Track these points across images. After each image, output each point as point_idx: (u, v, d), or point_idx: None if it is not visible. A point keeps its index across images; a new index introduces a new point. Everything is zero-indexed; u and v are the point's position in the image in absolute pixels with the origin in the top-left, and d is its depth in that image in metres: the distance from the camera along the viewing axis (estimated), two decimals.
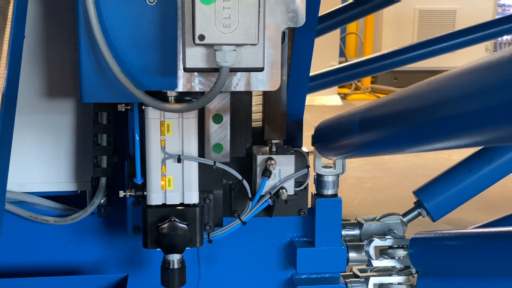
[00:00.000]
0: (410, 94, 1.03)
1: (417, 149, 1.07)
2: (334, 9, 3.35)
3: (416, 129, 1.00)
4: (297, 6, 1.44)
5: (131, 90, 1.38)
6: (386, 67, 3.56)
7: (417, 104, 0.99)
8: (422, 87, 1.00)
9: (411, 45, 3.49)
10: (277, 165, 1.65)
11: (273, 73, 1.46)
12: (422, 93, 0.98)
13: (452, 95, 0.85)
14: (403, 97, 1.06)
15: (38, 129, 1.77)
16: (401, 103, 1.07)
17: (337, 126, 1.55)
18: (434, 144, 0.97)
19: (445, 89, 0.88)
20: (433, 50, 3.46)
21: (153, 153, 1.52)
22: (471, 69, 0.83)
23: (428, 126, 0.95)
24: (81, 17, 1.38)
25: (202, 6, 1.27)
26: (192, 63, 1.35)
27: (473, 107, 0.79)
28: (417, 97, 1.00)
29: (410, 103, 1.02)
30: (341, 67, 3.59)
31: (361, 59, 3.60)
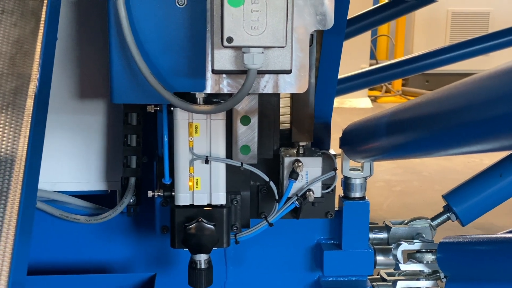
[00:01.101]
0: (438, 98, 1.02)
1: (445, 153, 1.07)
2: (365, 11, 3.34)
3: (443, 132, 1.00)
4: (326, 8, 1.44)
5: (161, 92, 1.40)
6: (417, 69, 3.53)
7: (445, 107, 0.98)
8: (450, 90, 0.99)
9: (443, 47, 3.45)
10: (304, 167, 1.65)
11: (301, 75, 1.46)
12: (449, 96, 0.98)
13: (480, 98, 0.85)
14: (431, 100, 1.05)
15: (69, 129, 1.81)
16: (429, 106, 1.06)
17: (365, 128, 1.54)
18: (462, 148, 0.97)
19: (473, 92, 0.88)
20: (466, 53, 3.42)
21: (181, 154, 1.54)
22: (499, 72, 0.82)
23: (456, 129, 0.94)
24: (112, 20, 1.40)
25: (231, 9, 1.28)
26: (220, 65, 1.37)
27: (502, 111, 0.79)
28: (445, 100, 0.99)
29: (438, 106, 1.01)
30: (371, 69, 3.57)
31: (392, 62, 3.58)
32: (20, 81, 1.27)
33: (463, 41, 3.40)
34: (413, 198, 3.68)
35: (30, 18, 1.35)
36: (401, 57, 7.21)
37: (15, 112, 1.24)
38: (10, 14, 1.34)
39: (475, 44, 3.39)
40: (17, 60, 1.30)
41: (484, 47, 3.38)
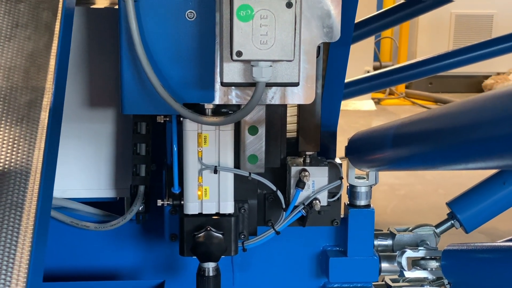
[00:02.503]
0: (444, 114, 1.05)
1: (450, 168, 1.09)
2: (369, 17, 3.36)
3: (449, 148, 1.02)
4: (333, 21, 1.47)
5: (170, 103, 1.43)
6: (421, 74, 3.56)
7: (451, 124, 1.01)
8: (457, 107, 1.02)
9: (447, 52, 3.47)
10: (311, 176, 1.67)
11: (308, 86, 1.49)
12: (456, 113, 1.00)
13: (487, 117, 0.87)
14: (437, 116, 1.08)
15: (80, 137, 1.83)
16: (435, 122, 1.09)
17: (370, 139, 1.57)
18: (467, 164, 0.99)
19: (480, 111, 0.90)
20: (469, 58, 3.44)
21: (190, 164, 1.56)
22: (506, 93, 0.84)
23: (461, 146, 0.97)
24: (123, 32, 1.43)
25: (240, 24, 1.31)
26: (229, 78, 1.40)
27: (505, 131, 0.81)
28: (451, 117, 1.02)
29: (444, 123, 1.04)
30: (376, 74, 3.59)
31: (396, 66, 3.60)
32: (34, 94, 1.30)
33: (467, 46, 3.43)
34: (417, 202, 3.71)
35: (43, 31, 1.37)
36: (405, 59, 7.25)
37: (29, 125, 1.27)
38: (24, 28, 1.37)
39: (479, 49, 3.41)
40: (31, 74, 1.33)
41: (487, 52, 3.40)
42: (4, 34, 1.35)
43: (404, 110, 6.10)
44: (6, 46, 1.34)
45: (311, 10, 1.45)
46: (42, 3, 1.40)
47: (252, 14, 1.31)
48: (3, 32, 1.36)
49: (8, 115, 1.27)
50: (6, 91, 1.30)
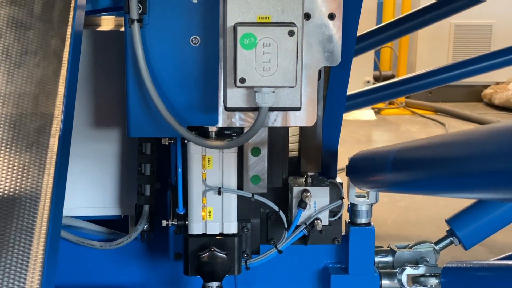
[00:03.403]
0: (444, 143, 1.08)
1: (448, 196, 1.13)
2: (369, 30, 3.40)
3: (447, 178, 1.06)
4: (333, 46, 1.51)
5: (175, 127, 1.47)
6: (421, 87, 3.59)
7: (450, 154, 1.04)
8: (456, 138, 1.05)
9: (447, 65, 3.51)
10: (313, 196, 1.71)
11: (309, 110, 1.53)
12: (455, 144, 1.04)
13: (485, 151, 0.90)
14: (437, 145, 1.11)
15: (85, 156, 1.87)
16: (435, 150, 1.12)
17: (371, 161, 1.60)
18: (463, 194, 1.03)
19: (482, 143, 0.93)
20: (469, 71, 3.47)
21: (194, 185, 1.60)
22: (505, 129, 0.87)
23: (458, 177, 1.00)
24: (130, 57, 1.47)
25: (244, 51, 1.35)
26: (233, 103, 1.43)
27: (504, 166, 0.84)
28: (451, 147, 1.05)
29: (444, 152, 1.07)
30: (376, 87, 3.63)
31: (397, 80, 3.64)
32: (44, 120, 1.34)
33: (467, 59, 3.46)
34: (417, 213, 3.74)
35: (52, 58, 1.41)
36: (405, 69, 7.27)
37: (39, 151, 1.30)
38: (33, 55, 1.41)
39: (479, 62, 3.45)
40: (40, 100, 1.36)
41: (488, 65, 3.43)
42: (14, 61, 1.39)
43: (404, 120, 6.13)
44: (16, 73, 1.38)
45: (312, 35, 1.49)
46: (51, 30, 1.44)
47: (255, 42, 1.35)
48: (12, 59, 1.39)
49: (18, 141, 1.30)
50: (16, 117, 1.33)
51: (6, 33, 1.41)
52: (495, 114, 6.14)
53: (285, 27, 1.35)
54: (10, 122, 1.31)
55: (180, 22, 1.46)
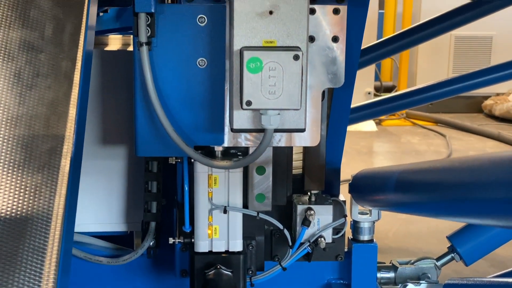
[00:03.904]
0: (447, 168, 1.11)
1: (449, 219, 1.16)
2: (370, 45, 3.43)
3: (448, 203, 1.09)
4: (337, 68, 1.55)
5: (182, 147, 1.50)
6: (423, 100, 3.62)
7: (452, 180, 1.07)
8: (460, 163, 1.08)
9: (448, 79, 3.54)
10: (316, 214, 1.74)
11: (313, 130, 1.56)
12: (458, 170, 1.07)
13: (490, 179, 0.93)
14: (440, 169, 1.14)
15: (92, 173, 1.90)
16: (438, 174, 1.15)
17: (373, 180, 1.64)
18: (464, 219, 1.06)
19: (483, 171, 0.96)
20: (471, 84, 3.51)
21: (201, 204, 1.63)
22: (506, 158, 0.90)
23: (459, 203, 1.03)
24: (138, 78, 1.51)
25: (250, 75, 1.39)
26: (239, 124, 1.47)
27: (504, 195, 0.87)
28: (453, 173, 1.08)
29: (446, 177, 1.11)
30: (377, 100, 3.66)
31: (399, 93, 3.67)
32: (55, 142, 1.37)
33: (468, 73, 3.50)
34: (418, 226, 3.77)
35: (63, 80, 1.45)
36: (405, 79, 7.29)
37: (50, 172, 1.33)
38: (44, 77, 1.44)
39: (480, 76, 3.48)
40: (51, 122, 1.39)
41: (490, 79, 3.46)
42: (26, 83, 1.42)
43: (405, 131, 6.17)
44: (28, 95, 1.41)
45: (316, 57, 1.52)
46: (61, 53, 1.48)
47: (261, 66, 1.38)
48: (24, 82, 1.43)
49: (30, 163, 1.33)
50: (28, 139, 1.36)
51: (18, 56, 1.45)
52: (495, 125, 6.17)
53: (291, 52, 1.38)
54: (22, 144, 1.35)
55: (187, 45, 1.50)
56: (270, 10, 1.41)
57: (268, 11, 1.41)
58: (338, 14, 1.52)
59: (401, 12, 7.16)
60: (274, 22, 1.42)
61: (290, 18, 1.42)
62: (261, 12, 1.41)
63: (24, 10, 1.50)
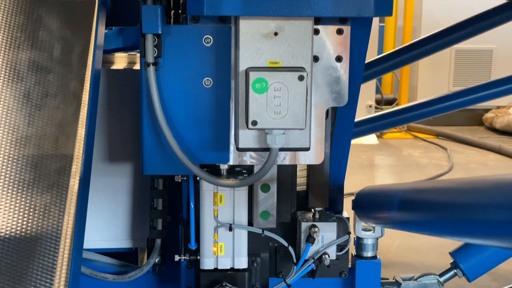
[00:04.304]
0: (451, 189, 1.13)
1: (453, 239, 1.18)
2: (371, 60, 3.45)
3: (451, 223, 1.11)
4: (341, 87, 1.57)
5: (189, 166, 1.52)
6: (424, 115, 3.64)
7: (456, 201, 1.09)
8: (463, 185, 1.10)
9: (449, 94, 3.57)
10: (320, 232, 1.76)
11: (317, 148, 1.59)
12: (461, 191, 1.09)
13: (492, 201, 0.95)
14: (445, 189, 1.16)
15: (98, 190, 1.92)
16: (442, 195, 1.17)
17: (377, 198, 1.66)
18: (468, 240, 1.08)
19: (486, 193, 0.99)
20: (470, 99, 3.52)
21: (206, 221, 1.65)
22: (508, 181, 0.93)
23: (462, 223, 1.05)
24: (145, 98, 1.53)
25: (255, 95, 1.41)
26: (244, 143, 1.49)
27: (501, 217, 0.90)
28: (457, 194, 1.10)
29: (450, 198, 1.12)
30: (380, 115, 3.68)
31: (401, 107, 3.69)
32: (64, 161, 1.39)
33: (468, 88, 3.52)
34: (420, 240, 3.77)
35: (71, 101, 1.47)
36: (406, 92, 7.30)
37: (59, 191, 1.35)
38: (53, 98, 1.46)
39: (480, 91, 3.50)
40: (60, 142, 1.42)
41: (489, 94, 3.48)
42: (35, 103, 1.45)
43: (406, 144, 6.18)
44: (37, 115, 1.43)
45: (320, 77, 1.55)
46: (70, 73, 1.50)
47: (266, 87, 1.41)
48: (33, 102, 1.45)
49: (40, 182, 1.35)
50: (37, 158, 1.38)
51: (27, 77, 1.47)
52: (496, 138, 6.19)
53: (295, 72, 1.41)
54: (31, 164, 1.37)
55: (193, 65, 1.52)
56: (275, 32, 1.44)
57: (273, 32, 1.44)
58: (342, 35, 1.55)
59: (401, 25, 7.20)
60: (279, 43, 1.44)
61: (295, 39, 1.44)
62: (266, 34, 1.44)
63: (33, 31, 1.52)
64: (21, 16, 1.54)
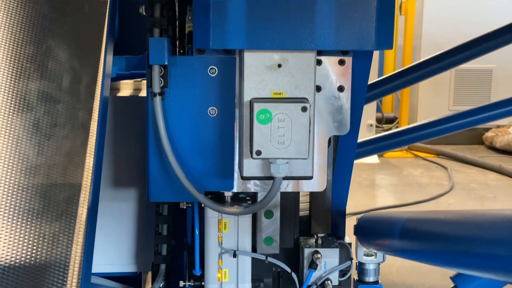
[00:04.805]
0: (453, 221, 1.16)
1: (454, 270, 1.20)
2: (371, 83, 3.49)
3: (453, 255, 1.13)
4: (343, 116, 1.61)
5: (194, 194, 1.55)
6: (424, 136, 3.68)
7: (457, 233, 1.12)
8: (465, 217, 1.13)
9: (449, 115, 3.60)
10: (323, 258, 1.78)
11: (320, 175, 1.62)
12: (463, 224, 1.11)
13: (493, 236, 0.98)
14: (446, 221, 1.19)
15: (104, 214, 1.95)
16: (443, 226, 1.20)
17: (379, 225, 1.68)
18: (470, 272, 1.10)
19: (486, 227, 1.01)
20: (469, 121, 3.56)
21: (211, 248, 1.68)
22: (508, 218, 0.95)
23: (464, 256, 1.08)
24: (151, 126, 1.57)
25: (260, 126, 1.45)
26: (249, 172, 1.52)
27: (501, 253, 0.92)
28: (459, 226, 1.13)
29: (451, 230, 1.15)
30: (380, 136, 3.72)
31: (401, 129, 3.73)
32: (72, 190, 1.42)
33: (468, 110, 3.56)
34: None
35: (80, 131, 1.50)
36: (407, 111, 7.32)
37: (68, 220, 1.38)
38: (62, 128, 1.50)
39: (478, 113, 3.53)
40: (68, 171, 1.45)
41: (490, 115, 3.51)
42: (44, 133, 1.48)
43: (407, 163, 6.21)
44: (46, 144, 1.47)
45: (323, 106, 1.58)
46: (78, 103, 1.54)
47: (271, 118, 1.44)
48: (43, 132, 1.48)
49: (49, 211, 1.38)
50: (46, 188, 1.42)
51: (37, 107, 1.51)
52: (496, 157, 6.22)
53: (299, 104, 1.44)
54: (41, 193, 1.40)
55: (199, 94, 1.56)
56: (279, 63, 1.48)
57: (277, 64, 1.48)
58: (344, 65, 1.58)
59: (401, 44, 7.27)
60: (283, 74, 1.48)
61: (298, 71, 1.48)
62: (270, 65, 1.48)
63: (42, 62, 1.56)
64: (30, 47, 1.58)
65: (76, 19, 1.64)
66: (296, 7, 1.42)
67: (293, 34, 1.43)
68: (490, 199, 4.91)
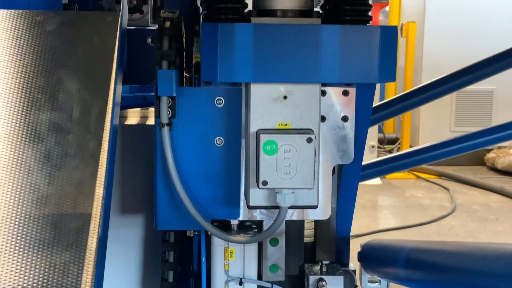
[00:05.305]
0: (456, 252, 1.19)
1: None
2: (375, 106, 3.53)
3: (455, 286, 1.16)
4: (347, 145, 1.64)
5: (201, 223, 1.58)
6: (426, 160, 3.70)
7: (461, 265, 1.14)
8: (468, 250, 1.16)
9: (451, 139, 3.63)
10: (328, 285, 1.80)
11: (324, 204, 1.65)
12: (466, 256, 1.14)
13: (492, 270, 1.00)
14: (449, 252, 1.22)
15: (111, 241, 1.97)
16: (446, 257, 1.22)
17: (383, 253, 1.71)
18: None
19: (488, 261, 1.04)
20: (470, 145, 3.58)
21: (217, 276, 1.70)
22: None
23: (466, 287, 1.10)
24: (159, 156, 1.60)
25: (266, 157, 1.48)
26: (255, 202, 1.55)
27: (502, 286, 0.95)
28: (461, 258, 1.15)
29: (455, 261, 1.18)
30: (382, 159, 3.74)
31: (402, 152, 3.76)
32: (82, 220, 1.45)
33: (468, 134, 3.59)
34: None
35: (90, 161, 1.53)
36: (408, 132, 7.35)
37: (78, 250, 1.41)
38: (72, 158, 1.53)
39: (479, 136, 3.56)
40: (79, 201, 1.48)
41: (492, 139, 3.54)
42: (55, 163, 1.51)
43: (409, 184, 6.23)
44: (57, 175, 1.50)
45: (327, 136, 1.62)
46: (88, 133, 1.57)
47: (276, 149, 1.47)
48: (53, 162, 1.52)
49: (59, 241, 1.41)
50: (56, 218, 1.44)
51: (48, 137, 1.54)
52: (498, 178, 6.24)
53: (304, 135, 1.48)
54: (51, 223, 1.43)
55: (206, 125, 1.59)
56: (284, 95, 1.51)
57: (282, 96, 1.52)
58: (347, 96, 1.62)
59: (402, 65, 7.33)
60: (288, 106, 1.52)
61: (303, 102, 1.52)
62: (276, 97, 1.51)
63: (53, 93, 1.60)
64: (41, 79, 1.62)
65: (86, 50, 1.68)
66: (301, 42, 1.46)
67: (298, 68, 1.46)
68: (492, 221, 4.93)
